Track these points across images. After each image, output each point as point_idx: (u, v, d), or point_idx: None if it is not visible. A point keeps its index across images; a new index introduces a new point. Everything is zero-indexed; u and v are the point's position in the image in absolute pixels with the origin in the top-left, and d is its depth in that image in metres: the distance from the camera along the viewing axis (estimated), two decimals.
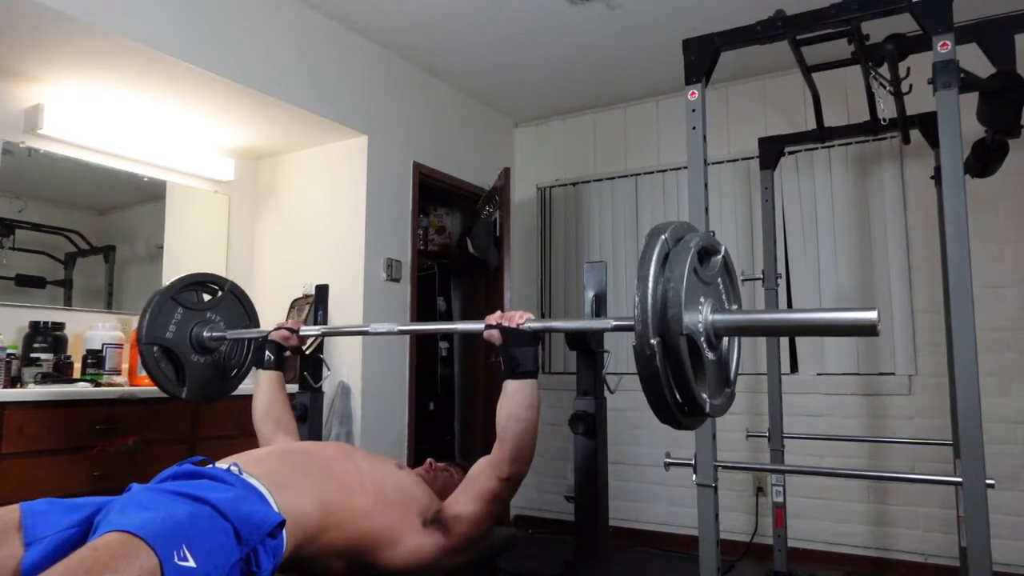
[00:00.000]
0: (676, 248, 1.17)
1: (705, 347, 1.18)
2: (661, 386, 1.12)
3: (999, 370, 3.29)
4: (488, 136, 4.63)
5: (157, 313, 2.02)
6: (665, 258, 1.15)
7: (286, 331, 2.01)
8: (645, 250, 1.14)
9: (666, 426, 1.22)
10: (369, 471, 1.51)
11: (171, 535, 1.04)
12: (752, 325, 1.36)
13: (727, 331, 1.24)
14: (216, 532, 1.12)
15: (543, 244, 4.69)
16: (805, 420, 3.65)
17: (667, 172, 4.26)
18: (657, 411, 1.18)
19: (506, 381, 1.53)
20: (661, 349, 1.10)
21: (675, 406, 1.15)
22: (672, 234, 1.18)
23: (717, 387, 1.25)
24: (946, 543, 3.30)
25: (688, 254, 1.13)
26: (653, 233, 1.17)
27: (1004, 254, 3.37)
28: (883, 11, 2.05)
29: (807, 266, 3.80)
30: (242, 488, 1.27)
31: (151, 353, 2.00)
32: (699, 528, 2.13)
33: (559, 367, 4.51)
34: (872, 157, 3.73)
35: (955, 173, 1.90)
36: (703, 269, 1.21)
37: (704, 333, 1.18)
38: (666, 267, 1.13)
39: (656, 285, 1.11)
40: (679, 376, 1.12)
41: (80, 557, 1.00)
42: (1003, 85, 2.31)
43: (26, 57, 2.76)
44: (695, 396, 1.14)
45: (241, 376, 2.28)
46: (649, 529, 4.05)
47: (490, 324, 1.58)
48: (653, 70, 4.01)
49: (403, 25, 3.53)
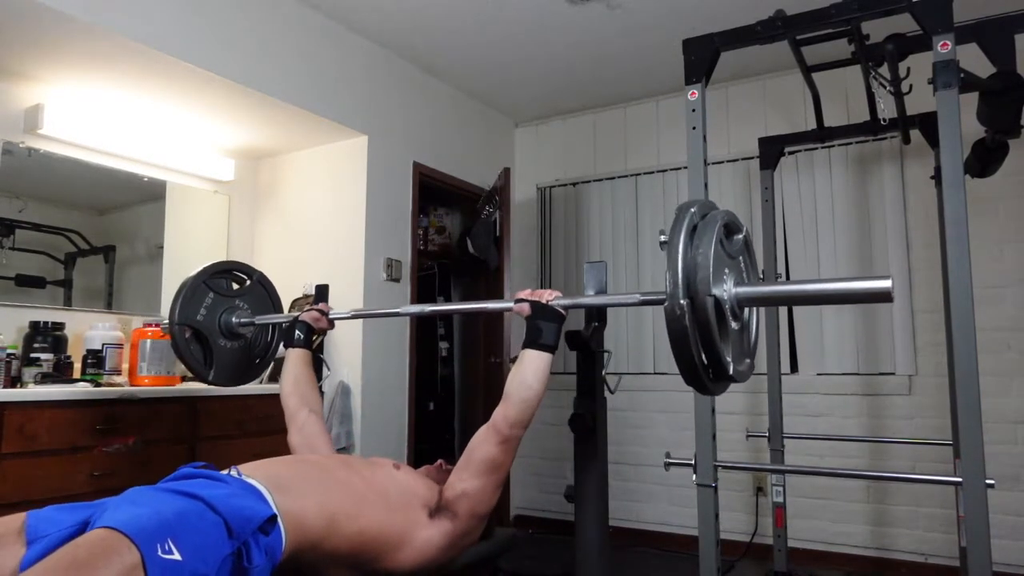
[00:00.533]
0: (703, 221, 1.25)
1: (729, 316, 1.26)
2: (690, 346, 1.19)
3: (999, 370, 3.29)
4: (488, 136, 4.63)
5: (190, 296, 2.04)
6: (693, 230, 1.23)
7: (317, 312, 2.05)
8: (675, 221, 1.24)
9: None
10: (371, 477, 1.51)
11: (156, 529, 1.05)
12: (774, 295, 1.49)
13: (749, 301, 1.31)
14: (206, 526, 1.12)
15: (543, 244, 4.69)
16: (805, 420, 3.65)
17: (667, 172, 4.26)
18: (684, 372, 1.24)
19: (525, 350, 1.54)
20: (690, 310, 1.18)
21: (701, 367, 1.22)
22: (700, 209, 1.28)
23: (739, 355, 1.32)
24: (946, 543, 3.30)
25: (715, 226, 1.23)
26: (682, 208, 1.26)
27: (1004, 254, 3.37)
28: (883, 11, 2.05)
29: (807, 266, 3.80)
30: (238, 487, 1.27)
31: (182, 334, 2.02)
32: (699, 528, 2.13)
33: (559, 367, 4.50)
34: (872, 157, 3.73)
35: (955, 173, 1.90)
36: (728, 244, 1.29)
37: (728, 303, 1.25)
38: (694, 237, 1.22)
39: (686, 251, 1.20)
40: (706, 337, 1.20)
41: (61, 553, 1.01)
42: (1003, 85, 2.31)
43: (26, 57, 2.76)
44: (720, 357, 1.22)
45: (265, 363, 2.30)
46: (649, 529, 4.05)
47: (520, 298, 1.60)
48: (653, 70, 4.01)
49: (403, 25, 3.53)
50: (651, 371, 4.11)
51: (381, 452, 3.44)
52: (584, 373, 1.68)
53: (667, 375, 4.04)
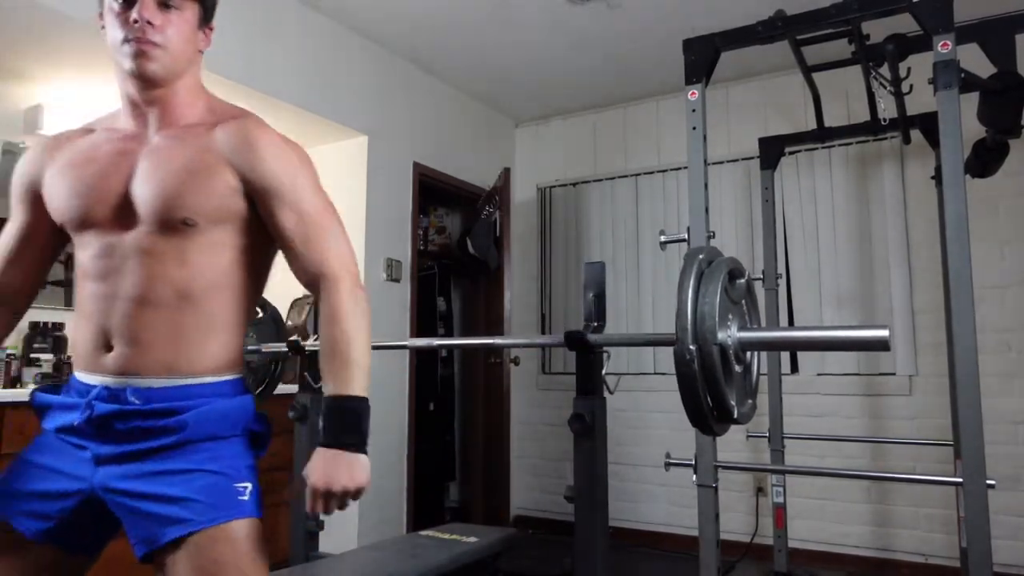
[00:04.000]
0: (709, 269, 1.33)
1: (733, 359, 1.33)
2: (697, 389, 1.27)
3: (1000, 370, 3.29)
4: (488, 136, 4.63)
5: None
6: (700, 276, 1.31)
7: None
8: (685, 269, 1.32)
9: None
10: None
11: None
12: (776, 341, 1.58)
13: (752, 346, 1.39)
14: None
15: (543, 244, 4.69)
16: (805, 420, 3.65)
17: (667, 172, 4.26)
18: (691, 414, 1.31)
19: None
20: (698, 356, 1.26)
21: (707, 409, 1.30)
22: (707, 256, 1.36)
23: (742, 397, 1.39)
24: (947, 543, 3.30)
25: (720, 275, 1.31)
26: (691, 254, 1.35)
27: (1004, 254, 3.37)
28: (883, 11, 2.05)
29: (807, 266, 3.80)
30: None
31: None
32: (699, 528, 2.13)
33: (559, 367, 4.51)
34: (872, 157, 3.72)
35: (955, 173, 1.90)
36: (731, 290, 1.37)
37: (732, 348, 1.33)
38: (701, 285, 1.30)
39: (695, 300, 1.28)
40: (712, 382, 1.27)
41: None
42: (1003, 85, 2.31)
43: (26, 57, 2.76)
44: (725, 401, 1.29)
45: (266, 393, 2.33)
46: (649, 529, 4.05)
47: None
48: (653, 70, 4.01)
49: (403, 25, 3.53)
50: (651, 371, 4.11)
51: (381, 451, 3.44)
52: (584, 373, 1.68)
53: (667, 375, 4.03)
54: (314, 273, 1.23)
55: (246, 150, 1.19)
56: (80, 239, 1.21)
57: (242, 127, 1.21)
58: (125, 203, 1.17)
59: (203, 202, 1.15)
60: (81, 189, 1.18)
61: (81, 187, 1.18)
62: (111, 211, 1.17)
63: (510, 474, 4.40)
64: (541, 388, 4.53)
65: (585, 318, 1.71)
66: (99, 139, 1.23)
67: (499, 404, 4.36)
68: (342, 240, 1.27)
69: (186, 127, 1.21)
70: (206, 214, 1.16)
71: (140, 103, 1.20)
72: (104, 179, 1.17)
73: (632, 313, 4.24)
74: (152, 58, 1.14)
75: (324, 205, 1.27)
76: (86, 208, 1.18)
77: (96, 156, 1.20)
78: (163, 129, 1.21)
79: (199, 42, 1.26)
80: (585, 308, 1.71)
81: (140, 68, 1.14)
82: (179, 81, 1.21)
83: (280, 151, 1.23)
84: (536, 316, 4.62)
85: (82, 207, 1.18)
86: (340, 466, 1.11)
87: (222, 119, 1.23)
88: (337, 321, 1.18)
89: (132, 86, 1.18)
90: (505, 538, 2.45)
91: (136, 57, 1.14)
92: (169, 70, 1.18)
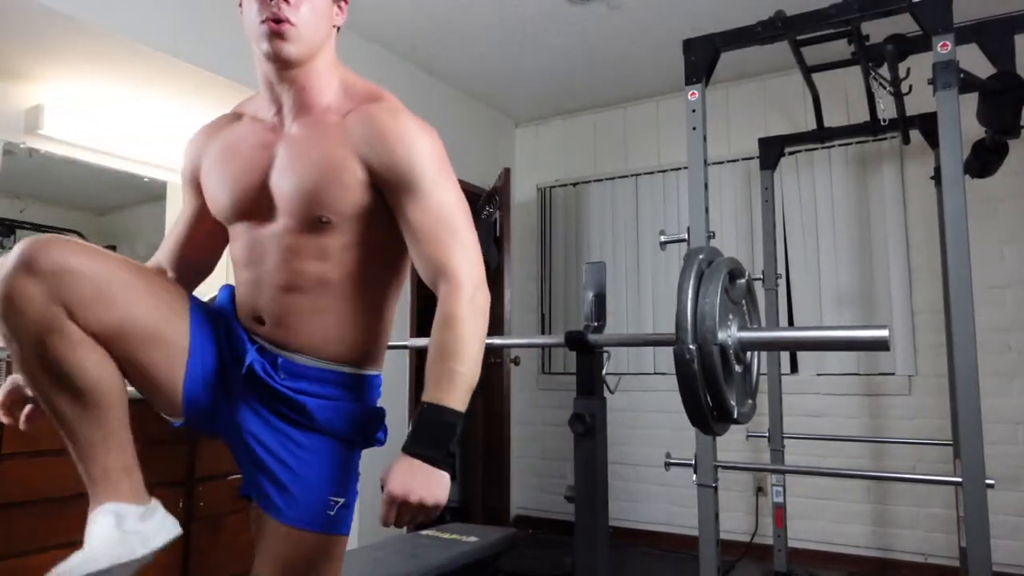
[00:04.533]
0: (709, 269, 1.34)
1: (733, 359, 1.34)
2: (697, 389, 1.28)
3: (999, 370, 3.29)
4: (488, 136, 4.63)
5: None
6: (700, 276, 1.32)
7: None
8: (684, 269, 1.32)
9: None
10: None
11: None
12: (775, 341, 1.58)
13: (752, 346, 1.39)
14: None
15: (543, 244, 4.69)
16: (805, 420, 3.65)
17: (667, 172, 4.26)
18: (691, 413, 1.32)
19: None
20: (698, 356, 1.27)
21: (707, 409, 1.31)
22: (707, 256, 1.37)
23: (742, 397, 1.40)
24: (947, 543, 3.30)
25: (720, 275, 1.31)
26: (691, 254, 1.35)
27: (1004, 254, 3.37)
28: (883, 11, 2.05)
29: (807, 266, 3.80)
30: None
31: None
32: (699, 528, 2.13)
33: (559, 367, 4.51)
34: (872, 157, 3.73)
35: (955, 173, 1.90)
36: (732, 290, 1.38)
37: (732, 348, 1.34)
38: (701, 285, 1.31)
39: (695, 300, 1.29)
40: (712, 382, 1.28)
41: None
42: (1003, 85, 2.31)
43: (26, 57, 2.75)
44: (725, 401, 1.30)
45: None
46: (649, 529, 4.05)
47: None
48: (653, 70, 4.01)
49: (403, 25, 3.53)
50: (651, 371, 4.11)
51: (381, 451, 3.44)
52: (584, 373, 1.68)
53: (667, 375, 4.03)
54: (436, 273, 1.18)
55: (376, 141, 1.16)
56: (232, 230, 1.27)
57: (373, 116, 1.18)
58: (265, 197, 1.20)
59: (338, 199, 1.16)
60: (228, 184, 1.22)
61: (228, 182, 1.22)
62: (253, 205, 1.21)
63: (510, 474, 4.40)
64: (541, 388, 4.54)
65: (585, 318, 1.71)
66: (244, 131, 1.26)
67: (499, 404, 4.36)
68: (468, 242, 1.20)
69: (320, 114, 1.20)
70: (341, 211, 1.17)
71: (275, 83, 1.20)
72: (247, 175, 1.21)
73: (632, 313, 4.24)
74: (288, 38, 1.13)
75: (453, 202, 1.20)
76: (232, 203, 1.22)
77: (240, 150, 1.23)
78: (299, 116, 1.21)
79: (334, 17, 1.24)
80: (585, 308, 1.71)
81: (276, 50, 1.13)
82: (315, 59, 1.19)
83: (412, 141, 1.17)
84: (536, 316, 4.62)
85: (228, 202, 1.23)
86: (420, 478, 1.06)
87: (356, 102, 1.22)
88: (450, 327, 1.13)
89: (268, 67, 1.18)
90: (505, 538, 2.46)
91: (271, 38, 1.12)
92: (305, 50, 1.16)
